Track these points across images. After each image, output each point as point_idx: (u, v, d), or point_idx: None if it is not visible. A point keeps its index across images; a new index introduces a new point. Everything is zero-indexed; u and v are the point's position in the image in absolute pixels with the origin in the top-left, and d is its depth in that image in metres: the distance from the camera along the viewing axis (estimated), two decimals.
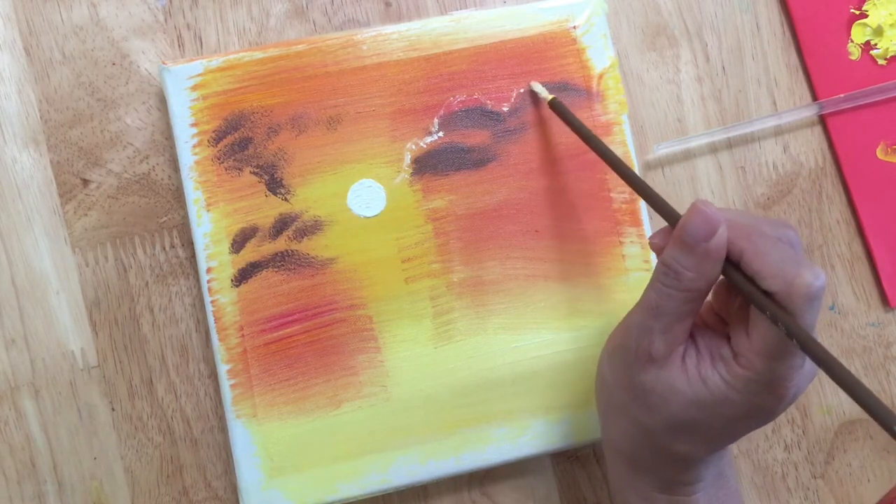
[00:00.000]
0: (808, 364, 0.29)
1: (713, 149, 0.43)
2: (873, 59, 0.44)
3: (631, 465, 0.34)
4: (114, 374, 0.38)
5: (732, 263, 0.29)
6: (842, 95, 0.43)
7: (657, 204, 0.32)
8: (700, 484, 0.33)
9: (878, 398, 0.24)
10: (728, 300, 0.32)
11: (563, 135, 0.40)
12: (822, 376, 0.43)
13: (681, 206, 0.42)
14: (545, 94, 0.39)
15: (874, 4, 0.44)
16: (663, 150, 0.42)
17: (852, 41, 0.44)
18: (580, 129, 0.37)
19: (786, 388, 0.29)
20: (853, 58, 0.44)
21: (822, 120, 0.44)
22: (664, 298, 0.30)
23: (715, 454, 0.33)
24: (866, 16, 0.44)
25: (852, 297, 0.43)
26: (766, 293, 0.28)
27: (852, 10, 0.44)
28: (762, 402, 0.30)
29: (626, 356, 0.31)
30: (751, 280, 0.29)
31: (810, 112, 0.43)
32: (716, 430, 0.31)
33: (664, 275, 0.30)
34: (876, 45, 0.44)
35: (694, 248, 0.29)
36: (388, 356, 0.38)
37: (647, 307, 0.31)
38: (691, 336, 0.32)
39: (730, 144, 0.43)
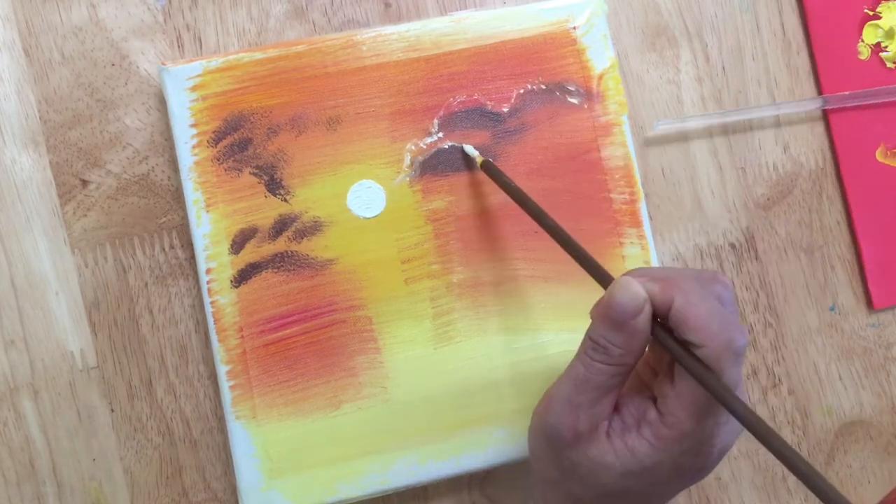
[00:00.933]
0: (734, 420, 0.29)
1: (713, 149, 0.43)
2: (882, 62, 0.44)
3: None
4: (113, 375, 0.38)
5: (659, 321, 0.29)
6: (847, 93, 0.43)
7: (593, 269, 0.31)
8: None
9: (807, 460, 0.24)
10: (662, 354, 0.32)
11: (563, 136, 0.40)
12: (819, 375, 0.43)
13: (681, 206, 0.42)
14: (475, 155, 0.39)
15: (889, 7, 0.44)
16: (663, 126, 0.42)
17: (863, 41, 0.44)
18: (513, 191, 0.36)
19: (712, 445, 0.29)
20: (862, 58, 0.44)
21: (825, 116, 0.44)
22: (593, 372, 0.29)
23: None
24: (879, 17, 0.44)
25: (852, 298, 0.43)
26: (694, 345, 0.28)
27: (866, 10, 0.44)
28: (691, 462, 0.30)
29: (550, 433, 0.31)
30: (676, 337, 0.28)
31: (814, 105, 0.43)
32: (649, 495, 0.31)
33: (593, 350, 0.29)
34: (886, 47, 0.44)
35: (623, 326, 0.29)
36: (387, 357, 0.38)
37: (574, 381, 0.30)
38: (615, 405, 0.31)
39: (730, 144, 0.43)
